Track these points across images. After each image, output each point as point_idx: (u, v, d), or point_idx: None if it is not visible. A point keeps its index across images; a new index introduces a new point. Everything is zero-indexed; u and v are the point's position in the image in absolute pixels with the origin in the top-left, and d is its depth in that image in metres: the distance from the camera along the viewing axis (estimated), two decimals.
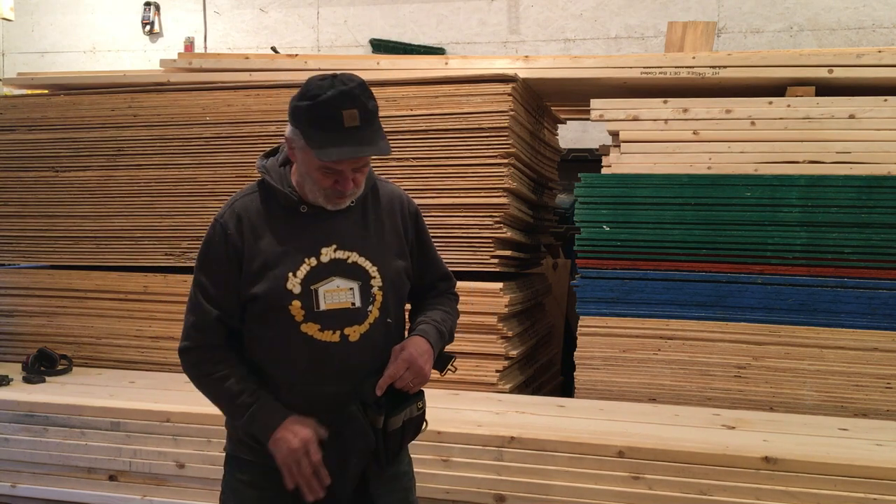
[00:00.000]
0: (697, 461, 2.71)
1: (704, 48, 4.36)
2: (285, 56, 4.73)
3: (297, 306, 1.82)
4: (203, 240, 1.92)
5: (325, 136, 1.72)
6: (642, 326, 3.59)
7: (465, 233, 3.70)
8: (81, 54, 7.62)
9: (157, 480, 3.17)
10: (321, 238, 1.85)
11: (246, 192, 1.93)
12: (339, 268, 1.85)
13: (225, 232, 1.86)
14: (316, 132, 1.72)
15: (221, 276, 1.86)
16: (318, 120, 1.72)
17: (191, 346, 1.89)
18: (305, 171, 1.81)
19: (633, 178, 3.64)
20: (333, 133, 1.71)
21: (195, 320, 1.88)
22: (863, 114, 3.50)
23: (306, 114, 1.74)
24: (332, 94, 1.71)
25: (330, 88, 1.72)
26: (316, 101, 1.72)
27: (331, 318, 1.84)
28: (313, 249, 1.84)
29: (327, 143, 1.71)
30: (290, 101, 1.79)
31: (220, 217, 1.90)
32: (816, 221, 3.46)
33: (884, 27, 5.98)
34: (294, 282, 1.82)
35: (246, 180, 3.94)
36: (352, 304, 1.85)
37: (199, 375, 1.90)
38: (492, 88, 3.70)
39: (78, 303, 4.19)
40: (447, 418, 3.04)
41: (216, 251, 1.88)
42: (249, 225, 1.86)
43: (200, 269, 1.90)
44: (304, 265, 1.83)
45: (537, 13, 6.62)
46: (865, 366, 3.38)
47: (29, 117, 4.30)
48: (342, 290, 1.85)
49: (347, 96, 1.72)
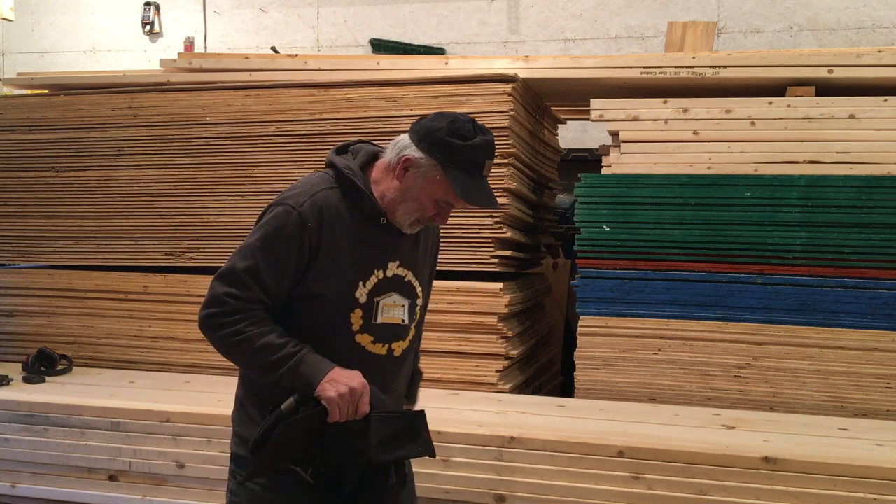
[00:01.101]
0: (697, 461, 2.71)
1: (704, 48, 4.36)
2: (285, 56, 4.73)
3: (357, 315, 1.85)
4: (269, 221, 1.82)
5: (465, 177, 1.80)
6: (642, 326, 3.59)
7: (465, 233, 3.70)
8: (81, 54, 7.62)
9: (157, 480, 3.17)
10: (390, 252, 1.90)
11: (325, 185, 1.87)
12: (398, 284, 1.92)
13: (304, 223, 1.80)
14: (458, 171, 1.80)
15: (283, 266, 1.80)
16: (464, 161, 1.80)
17: (225, 311, 1.77)
18: (416, 196, 1.84)
19: (633, 178, 3.64)
20: (472, 177, 1.81)
21: (234, 291, 1.78)
22: (863, 114, 3.50)
23: (456, 152, 1.79)
24: (480, 140, 1.81)
25: (478, 134, 1.82)
26: (467, 144, 1.79)
27: (383, 331, 1.89)
28: (383, 262, 1.89)
29: (467, 185, 1.80)
30: (427, 129, 1.82)
31: (298, 205, 1.82)
32: (816, 221, 3.46)
33: (884, 27, 5.97)
34: (362, 291, 1.85)
35: (246, 180, 3.97)
36: (402, 321, 1.92)
37: (232, 333, 1.77)
38: (492, 88, 3.71)
39: (78, 303, 4.19)
40: (447, 418, 3.04)
41: (287, 238, 1.80)
42: (329, 221, 1.83)
43: (260, 249, 1.80)
44: (374, 276, 1.87)
45: (537, 13, 6.62)
46: (865, 366, 3.38)
47: (29, 117, 4.30)
48: (397, 307, 1.91)
49: (490, 147, 1.84)
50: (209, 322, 1.80)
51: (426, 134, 1.81)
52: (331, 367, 1.75)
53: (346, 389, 1.71)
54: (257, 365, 1.79)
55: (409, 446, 1.81)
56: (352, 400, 1.72)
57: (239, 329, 1.77)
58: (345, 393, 1.71)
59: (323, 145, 3.85)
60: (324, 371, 1.74)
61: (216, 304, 1.79)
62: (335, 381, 1.72)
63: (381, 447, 1.76)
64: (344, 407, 1.72)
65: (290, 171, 3.88)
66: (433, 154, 1.81)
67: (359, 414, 1.74)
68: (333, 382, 1.72)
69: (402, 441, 1.80)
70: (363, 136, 3.46)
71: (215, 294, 1.80)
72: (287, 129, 3.96)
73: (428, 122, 1.83)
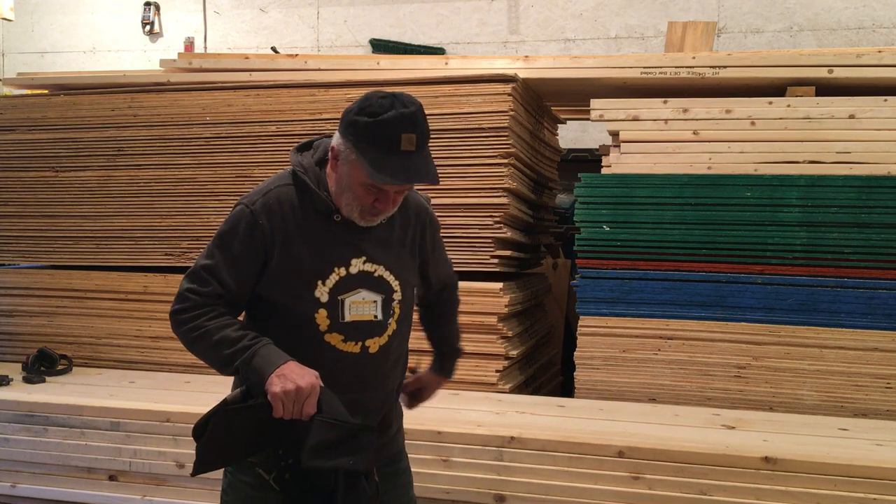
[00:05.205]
0: (697, 461, 2.71)
1: (704, 48, 4.36)
2: (285, 56, 4.73)
3: (322, 315, 1.80)
4: (227, 220, 1.83)
5: (379, 156, 1.68)
6: (642, 326, 3.59)
7: (465, 233, 3.70)
8: (81, 54, 7.62)
9: (157, 480, 3.17)
10: (352, 248, 1.83)
11: (280, 183, 1.85)
12: (367, 280, 1.84)
13: (255, 220, 1.79)
14: (370, 150, 1.68)
15: (237, 263, 1.79)
16: (375, 139, 1.68)
17: (186, 307, 1.78)
18: (347, 185, 1.76)
19: (633, 178, 3.64)
20: (388, 154, 1.68)
21: (195, 287, 1.79)
22: (863, 114, 3.50)
23: (363, 130, 1.69)
24: (392, 115, 1.68)
25: (391, 109, 1.68)
26: (376, 120, 1.68)
27: (354, 329, 1.83)
28: (344, 259, 1.82)
29: (381, 164, 1.67)
30: (344, 112, 1.74)
31: (251, 203, 1.81)
32: (816, 221, 3.46)
33: (884, 27, 5.98)
34: (322, 290, 1.79)
35: (246, 180, 3.97)
36: (374, 317, 1.85)
37: (192, 329, 1.77)
38: (492, 88, 3.71)
39: (78, 303, 4.19)
40: (447, 418, 3.04)
41: (240, 236, 1.80)
42: (281, 220, 1.79)
43: (217, 246, 1.81)
44: (334, 274, 1.80)
45: (537, 13, 6.62)
46: (865, 366, 3.38)
47: (29, 117, 4.30)
48: (367, 303, 1.84)
49: (408, 119, 1.69)
50: (174, 318, 1.80)
51: (342, 117, 1.74)
52: (284, 361, 1.69)
53: (292, 387, 1.63)
54: (216, 359, 1.76)
55: (345, 457, 1.71)
56: (297, 398, 1.64)
57: (198, 325, 1.76)
58: (290, 390, 1.63)
59: None
60: (276, 364, 1.68)
61: (179, 300, 1.80)
62: (284, 376, 1.65)
63: (314, 451, 1.68)
64: (288, 404, 1.64)
65: None
66: (347, 137, 1.72)
67: (303, 414, 1.66)
68: (282, 378, 1.65)
69: (340, 451, 1.70)
70: None
71: (180, 291, 1.81)
72: (287, 129, 3.96)
73: (349, 106, 1.75)
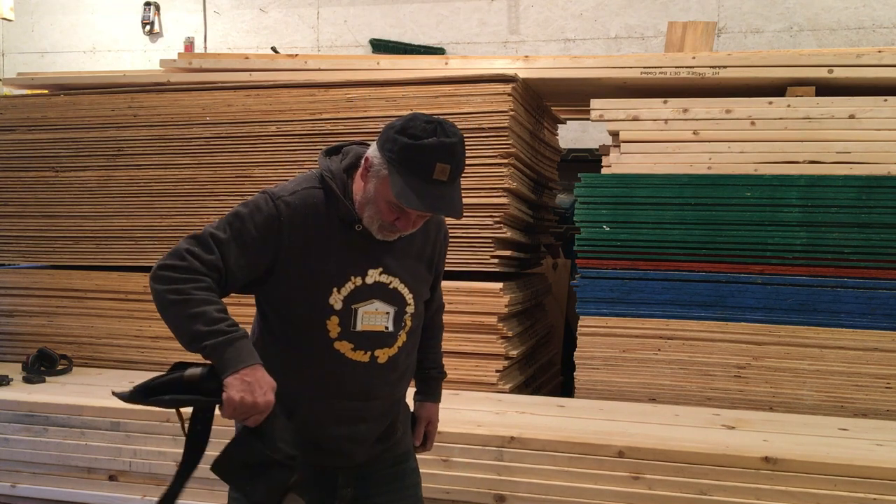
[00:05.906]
0: (697, 461, 2.71)
1: (704, 48, 4.36)
2: (285, 56, 4.73)
3: (334, 322, 1.79)
4: (248, 202, 1.79)
5: (410, 179, 1.67)
6: (642, 326, 3.59)
7: (465, 233, 3.70)
8: (81, 54, 7.62)
9: (157, 480, 3.16)
10: (370, 259, 1.82)
11: (307, 185, 1.82)
12: (381, 291, 1.83)
13: (278, 213, 1.76)
14: (403, 171, 1.67)
15: (246, 246, 1.76)
16: (410, 161, 1.67)
17: (178, 266, 1.71)
18: (373, 198, 1.75)
19: (633, 178, 3.64)
20: (419, 179, 1.67)
21: (196, 250, 1.73)
22: (863, 114, 3.50)
23: (401, 150, 1.67)
24: (433, 142, 1.66)
25: (433, 135, 1.67)
26: (416, 143, 1.66)
27: (364, 339, 1.82)
28: (361, 269, 1.81)
29: (410, 187, 1.66)
30: (386, 127, 1.73)
31: (276, 197, 1.78)
32: (816, 221, 3.46)
33: (884, 27, 5.98)
34: (337, 298, 1.79)
35: (246, 180, 3.97)
36: (385, 328, 1.85)
37: (175, 291, 1.69)
38: (492, 88, 3.71)
39: (78, 303, 4.19)
40: (447, 418, 3.01)
41: (257, 223, 1.76)
42: (303, 221, 1.77)
43: (230, 223, 1.76)
44: (350, 283, 1.80)
45: (537, 13, 6.62)
46: (865, 366, 3.38)
47: (29, 117, 4.30)
48: (379, 314, 1.83)
49: (447, 150, 1.68)
50: (159, 272, 1.73)
51: (383, 131, 1.73)
52: (253, 363, 1.64)
53: (250, 400, 1.60)
54: (186, 330, 1.69)
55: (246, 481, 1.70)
56: (249, 412, 1.61)
57: (184, 289, 1.69)
58: (248, 403, 1.60)
59: (323, 145, 3.75)
60: (246, 363, 1.63)
61: (174, 257, 1.74)
62: (249, 385, 1.61)
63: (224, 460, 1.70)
64: (238, 414, 1.62)
65: (290, 171, 3.88)
66: (383, 151, 1.71)
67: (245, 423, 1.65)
68: (247, 385, 1.60)
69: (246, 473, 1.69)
70: (363, 137, 3.48)
71: (178, 248, 1.75)
72: (287, 129, 3.96)
73: (393, 122, 1.74)
